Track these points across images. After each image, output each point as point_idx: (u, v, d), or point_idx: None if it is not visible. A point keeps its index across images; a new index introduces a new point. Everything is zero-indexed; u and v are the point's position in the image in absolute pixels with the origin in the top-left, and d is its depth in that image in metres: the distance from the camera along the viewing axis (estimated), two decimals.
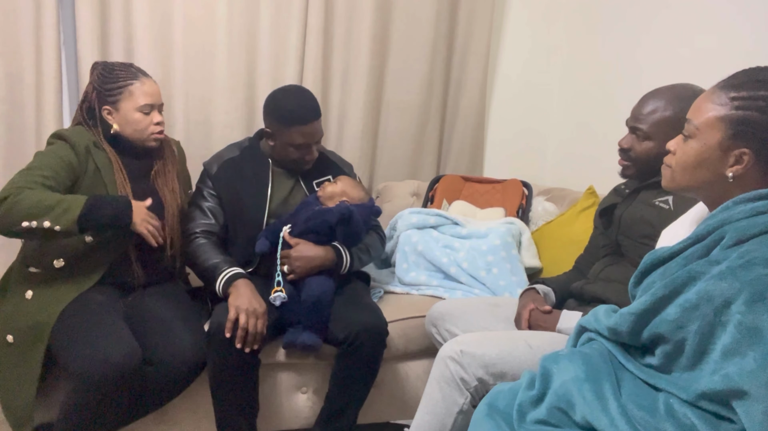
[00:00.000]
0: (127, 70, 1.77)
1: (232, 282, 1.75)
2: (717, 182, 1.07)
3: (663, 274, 1.07)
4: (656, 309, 1.04)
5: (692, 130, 1.09)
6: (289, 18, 2.50)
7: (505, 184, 2.59)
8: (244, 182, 1.93)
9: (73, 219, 1.55)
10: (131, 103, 1.74)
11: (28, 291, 1.65)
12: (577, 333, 1.23)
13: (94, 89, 1.76)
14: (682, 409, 0.96)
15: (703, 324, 0.97)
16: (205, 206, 1.92)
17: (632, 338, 1.08)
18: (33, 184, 1.57)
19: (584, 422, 1.01)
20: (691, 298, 0.99)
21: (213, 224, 1.91)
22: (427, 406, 1.46)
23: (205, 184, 1.95)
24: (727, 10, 2.00)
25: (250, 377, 1.72)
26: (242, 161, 1.97)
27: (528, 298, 1.66)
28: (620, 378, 1.06)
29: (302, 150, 1.90)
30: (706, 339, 0.97)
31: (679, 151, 1.11)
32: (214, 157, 2.00)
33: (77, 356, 1.50)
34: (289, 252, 1.82)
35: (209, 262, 1.82)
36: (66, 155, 1.68)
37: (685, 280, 1.01)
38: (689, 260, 1.04)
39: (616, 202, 1.65)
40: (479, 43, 2.82)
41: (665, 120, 1.50)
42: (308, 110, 1.88)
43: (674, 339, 1.01)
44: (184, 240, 1.88)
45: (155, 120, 1.78)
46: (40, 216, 1.53)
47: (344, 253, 1.88)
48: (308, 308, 1.76)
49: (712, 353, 0.96)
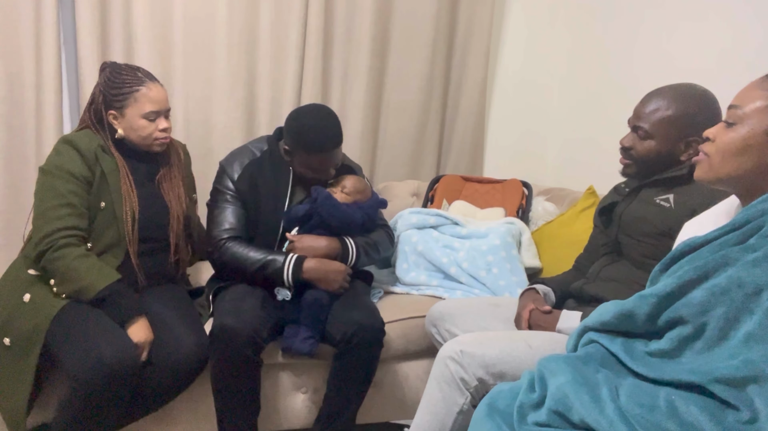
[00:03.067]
0: (134, 74, 1.74)
1: (301, 264, 1.80)
2: (758, 171, 1.06)
3: (692, 260, 1.07)
4: (682, 292, 1.03)
5: (739, 115, 1.08)
6: (289, 18, 2.50)
7: (505, 183, 2.59)
8: (265, 188, 1.90)
9: (85, 299, 1.63)
10: (136, 109, 1.72)
11: (26, 294, 1.65)
12: (579, 333, 1.22)
13: (101, 92, 1.74)
14: (684, 406, 0.95)
15: (730, 310, 0.97)
16: (229, 209, 1.89)
17: (648, 321, 1.07)
18: (66, 234, 1.63)
19: (582, 424, 1.01)
20: (720, 283, 0.98)
21: (240, 227, 1.89)
22: (427, 406, 1.46)
23: (226, 187, 1.91)
24: (731, 7, 1.99)
25: (252, 377, 1.72)
26: (263, 165, 1.93)
27: (528, 298, 1.66)
28: (619, 383, 1.05)
29: (319, 172, 1.90)
30: (730, 324, 0.97)
31: (721, 138, 1.09)
32: (234, 158, 1.95)
33: (72, 356, 1.50)
34: (294, 245, 1.85)
35: (258, 259, 1.81)
36: (77, 170, 1.67)
37: (717, 265, 1.01)
38: (723, 247, 1.03)
39: (616, 201, 1.65)
40: (479, 43, 2.82)
41: (667, 119, 1.50)
42: (331, 139, 1.85)
43: (695, 322, 1.00)
44: (214, 247, 1.86)
45: (161, 126, 1.76)
46: (63, 284, 1.64)
47: (349, 244, 1.90)
48: (307, 306, 1.77)
49: (733, 338, 0.96)
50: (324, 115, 1.87)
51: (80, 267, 1.62)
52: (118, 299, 1.62)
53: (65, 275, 1.62)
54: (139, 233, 1.75)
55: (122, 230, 1.72)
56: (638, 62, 2.37)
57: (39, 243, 1.63)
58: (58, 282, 1.64)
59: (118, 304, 1.61)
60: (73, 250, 1.63)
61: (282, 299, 1.82)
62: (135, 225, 1.74)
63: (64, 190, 1.65)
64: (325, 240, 1.87)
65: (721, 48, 2.01)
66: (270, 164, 1.93)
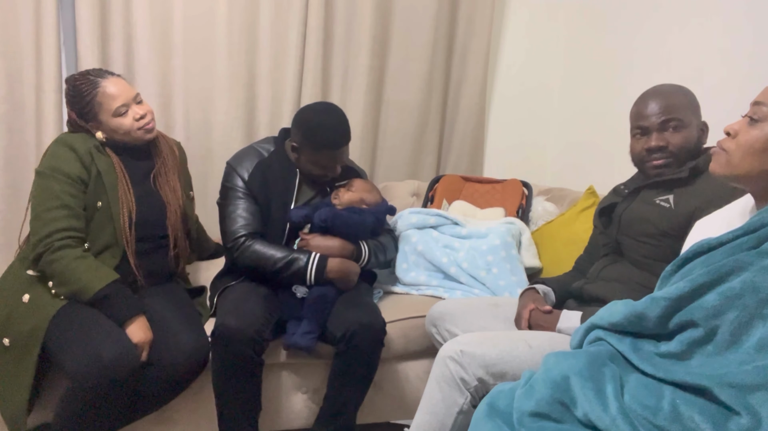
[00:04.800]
0: (88, 80, 1.72)
1: (324, 262, 1.82)
2: None
3: (705, 262, 1.05)
4: (694, 295, 1.02)
5: (765, 112, 1.05)
6: (289, 18, 2.50)
7: (505, 183, 2.59)
8: (273, 188, 1.92)
9: (83, 300, 1.62)
10: (105, 111, 1.71)
11: (25, 294, 1.65)
12: (586, 330, 1.21)
13: (71, 109, 1.75)
14: (688, 412, 0.95)
15: (743, 314, 0.96)
16: (243, 205, 1.90)
17: (659, 324, 1.06)
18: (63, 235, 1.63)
19: (586, 419, 1.00)
20: (734, 287, 0.97)
21: (255, 223, 1.89)
22: (427, 406, 1.46)
23: (237, 185, 1.91)
24: (730, 7, 1.99)
25: (254, 377, 1.72)
26: (272, 165, 1.94)
27: (528, 298, 1.66)
28: (625, 380, 1.04)
29: (326, 170, 1.92)
30: (742, 329, 0.96)
31: (744, 135, 1.07)
32: (243, 157, 1.95)
33: (71, 356, 1.50)
34: (308, 241, 1.88)
35: (281, 257, 1.82)
36: (72, 171, 1.67)
37: (731, 269, 0.99)
38: (737, 250, 1.02)
39: (615, 202, 1.65)
40: (479, 43, 2.82)
41: (688, 105, 1.54)
42: (340, 136, 1.87)
43: (707, 326, 0.99)
44: (232, 245, 1.86)
45: (136, 115, 1.74)
46: (61, 286, 1.63)
47: (363, 245, 1.94)
48: (312, 300, 1.79)
49: (744, 344, 0.95)
50: (333, 113, 1.89)
51: (78, 268, 1.62)
52: (117, 299, 1.62)
53: (63, 276, 1.62)
54: (137, 232, 1.75)
55: (119, 229, 1.72)
56: (638, 62, 2.37)
57: (36, 246, 1.63)
58: (56, 284, 1.64)
59: (116, 304, 1.61)
60: (70, 252, 1.63)
61: (301, 296, 1.84)
62: (132, 225, 1.74)
63: (59, 192, 1.65)
64: (338, 241, 1.89)
65: (721, 49, 2.01)
66: (278, 165, 1.95)
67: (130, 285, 1.74)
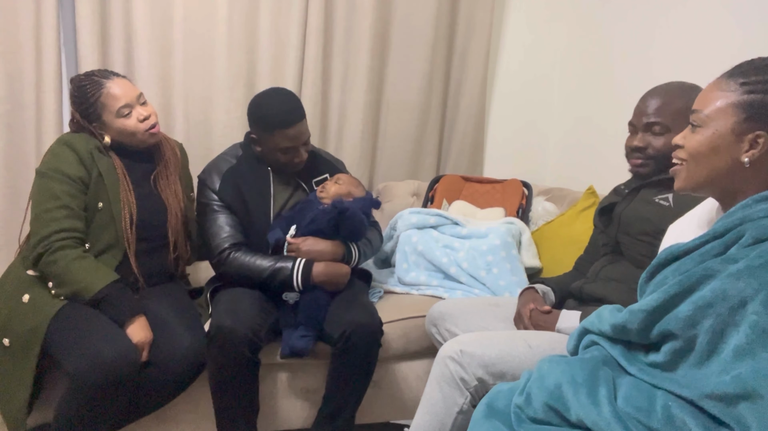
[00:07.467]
0: (92, 80, 1.72)
1: (309, 267, 1.81)
2: (733, 170, 1.06)
3: (677, 270, 1.06)
4: (668, 306, 1.02)
5: (702, 119, 1.08)
6: (289, 18, 2.50)
7: (505, 183, 2.59)
8: (248, 192, 1.90)
9: (83, 300, 1.62)
10: (109, 112, 1.72)
11: (25, 294, 1.65)
12: (579, 335, 1.22)
13: (76, 110, 1.75)
14: (680, 415, 0.95)
15: (716, 323, 0.95)
16: (221, 219, 1.88)
17: (641, 335, 1.07)
18: (63, 236, 1.63)
19: (580, 422, 1.01)
20: (705, 296, 0.97)
21: (236, 234, 1.88)
22: (426, 406, 1.46)
23: (210, 199, 1.90)
24: (729, 5, 1.99)
25: (251, 377, 1.72)
26: (241, 170, 1.93)
27: (527, 298, 1.66)
28: (618, 384, 1.04)
29: (290, 153, 1.88)
30: (718, 337, 0.96)
31: (689, 142, 1.10)
32: (211, 169, 1.94)
33: (71, 356, 1.51)
34: (299, 246, 1.85)
35: (266, 267, 1.81)
36: (73, 171, 1.67)
37: (701, 278, 1.00)
38: (705, 257, 1.03)
39: (615, 201, 1.65)
40: (479, 43, 2.82)
41: (679, 111, 1.51)
42: (290, 113, 1.84)
43: (685, 336, 0.99)
44: (217, 260, 1.86)
45: (140, 116, 1.74)
46: (61, 286, 1.64)
47: (353, 246, 1.93)
48: (305, 305, 1.78)
49: (722, 353, 0.95)
50: (279, 92, 1.90)
51: (77, 268, 1.62)
52: (117, 299, 1.62)
53: (63, 277, 1.62)
54: (137, 233, 1.75)
55: (120, 230, 1.72)
56: (638, 62, 2.37)
57: (36, 246, 1.63)
58: (56, 285, 1.64)
59: (116, 305, 1.61)
60: (70, 252, 1.63)
61: (292, 301, 1.83)
62: (133, 226, 1.74)
63: (60, 192, 1.65)
64: (328, 244, 1.87)
65: (725, 45, 2.00)
66: (248, 168, 1.93)
67: (130, 286, 1.75)
